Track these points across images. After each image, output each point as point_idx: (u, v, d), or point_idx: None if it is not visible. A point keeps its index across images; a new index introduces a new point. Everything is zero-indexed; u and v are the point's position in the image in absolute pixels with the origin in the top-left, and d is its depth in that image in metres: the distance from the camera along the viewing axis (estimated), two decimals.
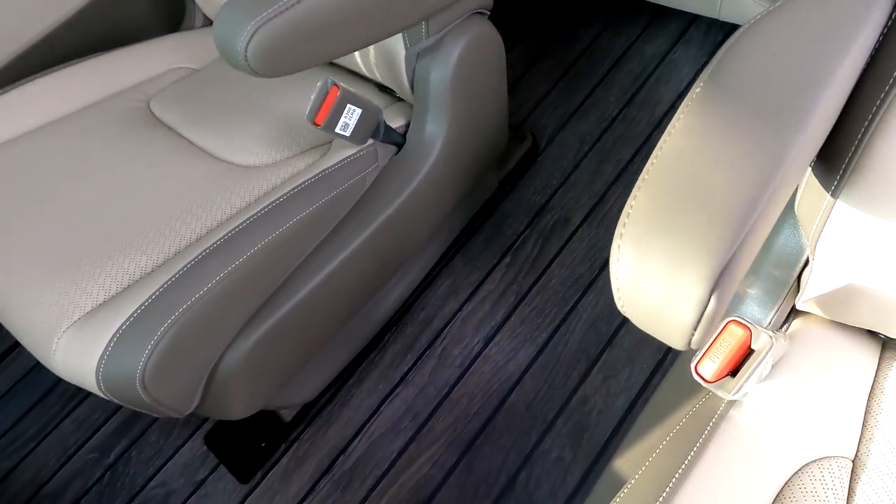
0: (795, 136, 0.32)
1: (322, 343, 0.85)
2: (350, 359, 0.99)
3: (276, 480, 0.93)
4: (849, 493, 0.52)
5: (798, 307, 0.60)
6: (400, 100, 0.89)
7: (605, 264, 1.01)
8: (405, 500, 0.88)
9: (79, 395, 1.08)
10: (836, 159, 0.47)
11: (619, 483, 0.51)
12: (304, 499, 0.91)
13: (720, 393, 0.48)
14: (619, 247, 0.31)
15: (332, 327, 0.84)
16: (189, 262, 0.69)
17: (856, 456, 0.54)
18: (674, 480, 0.48)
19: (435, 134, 0.83)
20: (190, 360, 0.68)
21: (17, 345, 1.15)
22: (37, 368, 1.12)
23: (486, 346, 0.98)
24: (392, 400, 0.96)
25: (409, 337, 1.01)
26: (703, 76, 0.37)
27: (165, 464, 0.98)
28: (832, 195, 0.48)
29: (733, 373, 0.48)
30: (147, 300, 0.66)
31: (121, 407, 1.05)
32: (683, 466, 0.49)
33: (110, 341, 0.65)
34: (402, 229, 0.85)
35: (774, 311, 0.59)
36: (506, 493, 0.86)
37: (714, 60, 0.37)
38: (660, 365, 0.92)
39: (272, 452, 0.95)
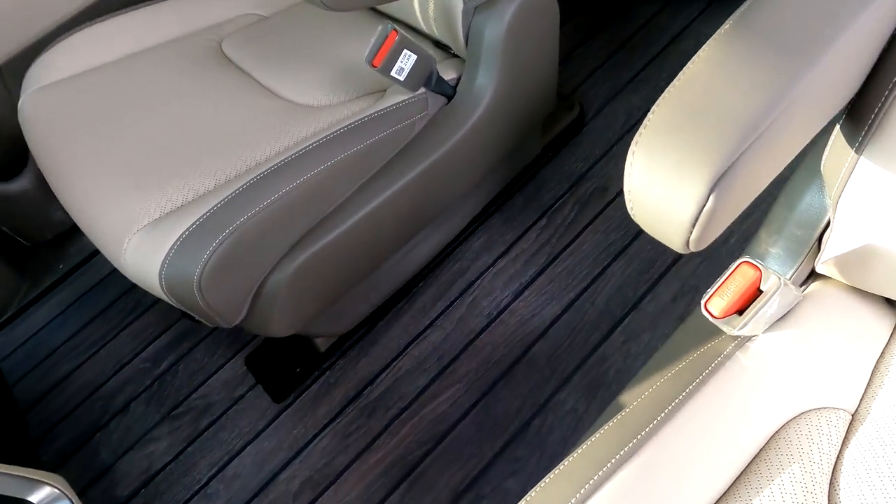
0: (808, 68, 0.35)
1: (360, 276, 0.91)
2: (385, 299, 1.04)
3: (307, 403, 1.00)
4: (843, 441, 0.54)
5: (818, 269, 0.61)
6: (455, 56, 0.94)
7: (639, 233, 1.04)
8: (424, 431, 0.93)
9: (136, 310, 1.17)
10: (862, 116, 0.49)
11: (621, 410, 0.55)
12: (330, 422, 0.98)
13: (725, 329, 0.51)
14: (633, 153, 0.35)
15: (370, 262, 0.90)
16: (246, 183, 0.75)
17: (856, 410, 0.56)
18: (671, 406, 0.52)
19: (484, 88, 0.87)
20: (241, 271, 0.75)
21: (87, 259, 1.26)
22: (102, 283, 1.23)
23: (514, 300, 1.02)
24: (420, 342, 1.02)
25: (442, 285, 1.06)
26: (732, 17, 0.40)
27: (208, 379, 1.06)
28: (856, 152, 0.50)
29: (741, 312, 0.51)
30: (207, 212, 0.73)
31: (173, 324, 1.14)
32: (683, 395, 0.52)
33: (173, 246, 0.72)
34: (443, 177, 0.90)
35: (794, 270, 0.61)
36: (519, 435, 0.90)
37: (743, 6, 0.40)
38: None
39: (305, 378, 1.02)
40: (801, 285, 0.63)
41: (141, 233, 0.75)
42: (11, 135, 1.12)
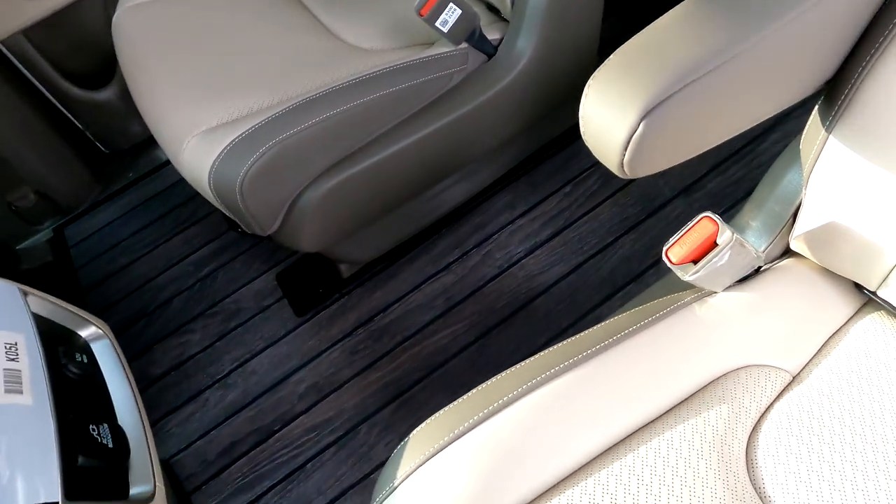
0: (756, 32, 0.41)
1: (385, 209, 0.99)
2: (407, 238, 1.13)
3: (324, 320, 1.10)
4: (778, 397, 0.59)
5: (791, 246, 0.66)
6: (503, 20, 1.00)
7: (656, 210, 1.08)
8: (422, 360, 1.02)
9: (190, 220, 1.30)
10: (835, 97, 0.53)
11: None
12: (341, 339, 1.08)
13: (680, 274, 0.57)
14: (589, 85, 0.41)
15: (396, 198, 0.99)
16: (291, 105, 0.84)
17: (798, 373, 0.61)
18: (621, 335, 0.58)
19: (523, 50, 0.93)
20: (278, 182, 0.85)
21: (154, 170, 1.40)
22: (163, 194, 1.36)
23: (525, 256, 1.09)
24: (433, 282, 1.10)
25: (462, 235, 1.14)
26: None
27: (242, 287, 1.18)
28: (826, 131, 0.55)
29: (696, 262, 0.56)
30: (254, 126, 0.83)
31: (219, 236, 1.26)
32: (634, 328, 0.59)
33: (223, 151, 0.82)
34: (471, 131, 0.97)
35: (769, 244, 0.65)
36: None
37: None
38: None
39: (326, 298, 1.13)
40: (774, 260, 0.67)
41: (198, 136, 0.85)
42: (104, 48, 1.26)
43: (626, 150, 0.39)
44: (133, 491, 0.57)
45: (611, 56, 0.41)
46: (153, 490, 0.58)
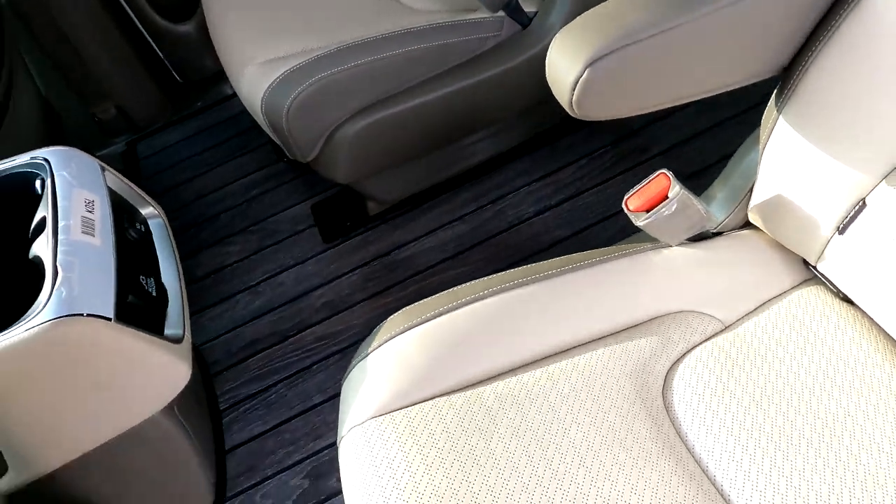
0: (697, 9, 0.50)
1: (413, 154, 1.11)
2: (430, 186, 1.25)
3: (347, 249, 1.24)
4: (706, 339, 0.68)
5: (749, 217, 0.74)
6: None
7: None
8: (428, 292, 1.13)
9: (244, 148, 1.46)
10: (786, 81, 0.61)
11: None
12: (359, 267, 1.21)
13: (633, 219, 0.67)
14: (554, 38, 0.51)
15: (424, 144, 1.10)
16: (340, 47, 0.97)
17: (729, 325, 0.69)
18: (574, 265, 0.68)
19: (553, 26, 1.02)
20: (319, 114, 0.97)
21: (219, 102, 1.56)
22: (224, 123, 1.52)
23: (534, 216, 1.19)
24: (448, 228, 1.22)
25: (480, 191, 1.24)
26: None
27: (281, 212, 1.33)
28: (777, 112, 0.63)
29: (650, 210, 0.66)
30: (304, 61, 0.96)
31: (268, 166, 1.41)
32: (588, 262, 0.68)
33: (275, 80, 0.96)
34: (499, 93, 1.06)
35: (728, 214, 0.74)
36: None
37: None
38: None
39: (351, 230, 1.26)
40: (734, 230, 0.75)
41: (257, 65, 0.99)
42: None
43: (573, 91, 0.49)
44: (167, 332, 0.71)
45: (577, 18, 0.51)
46: (182, 335, 0.73)
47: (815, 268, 0.69)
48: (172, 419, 0.78)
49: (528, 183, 1.23)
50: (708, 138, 1.21)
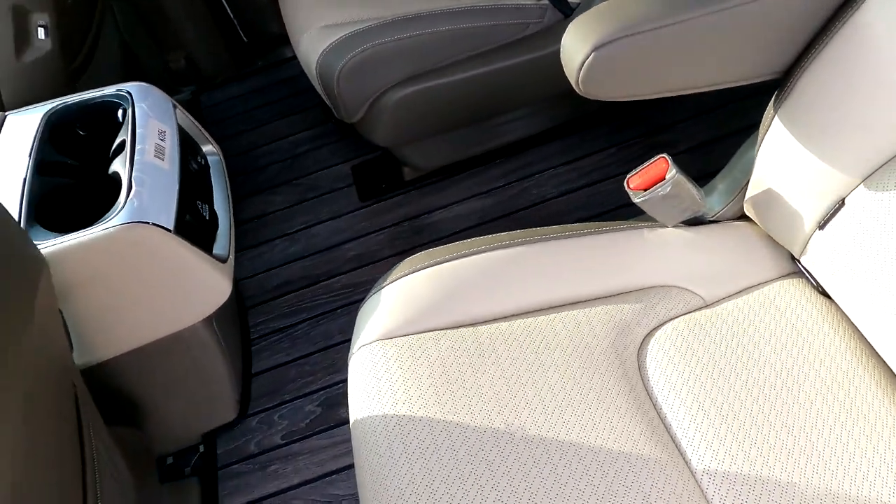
0: (698, 9, 0.56)
1: (450, 125, 1.19)
2: (463, 159, 1.33)
3: (380, 209, 1.34)
4: (685, 312, 0.75)
5: (744, 209, 0.80)
6: None
7: None
8: None
9: (296, 109, 1.57)
10: (783, 84, 0.67)
11: None
12: (389, 227, 1.31)
13: (632, 196, 0.74)
14: (570, 24, 0.59)
15: (461, 117, 1.18)
16: (393, 18, 1.05)
17: (711, 304, 0.76)
18: (575, 232, 0.76)
19: None
20: (367, 79, 1.07)
21: (277, 64, 1.67)
22: (280, 83, 1.63)
23: (556, 197, 1.26)
24: (475, 200, 1.30)
25: (509, 169, 1.32)
26: None
27: (323, 169, 1.43)
28: (773, 111, 0.69)
29: (647, 190, 0.73)
30: (359, 28, 1.05)
31: (316, 125, 1.51)
32: (585, 231, 0.76)
33: (331, 44, 1.05)
34: (536, 77, 1.13)
35: (725, 205, 0.80)
36: None
37: None
38: None
39: (386, 193, 1.35)
40: (730, 220, 0.81)
41: (317, 29, 1.09)
42: None
43: (580, 72, 0.57)
44: (214, 251, 0.82)
45: (592, 8, 0.59)
46: (227, 257, 0.84)
47: (799, 261, 0.75)
48: (210, 331, 0.90)
49: (555, 166, 1.30)
50: (736, 140, 1.24)
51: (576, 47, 0.56)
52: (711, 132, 1.27)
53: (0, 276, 0.49)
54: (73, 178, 0.79)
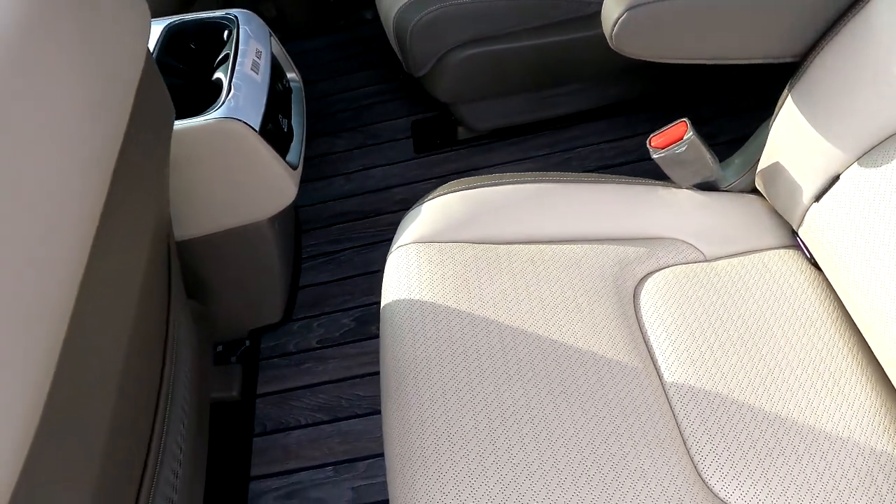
0: None
1: (507, 90, 1.31)
2: (515, 125, 1.44)
3: (431, 161, 1.46)
4: (685, 262, 0.84)
5: (755, 183, 0.88)
6: None
7: None
8: None
9: (370, 65, 1.70)
10: (798, 67, 0.76)
11: None
12: (438, 178, 1.43)
13: (651, 153, 0.83)
14: None
15: (517, 84, 1.29)
16: None
17: (710, 260, 0.85)
18: (596, 179, 0.86)
19: None
20: (436, 36, 1.19)
21: (356, 24, 1.81)
22: (357, 40, 1.77)
23: (595, 171, 1.36)
24: (519, 164, 1.41)
25: (555, 140, 1.42)
26: None
27: (386, 121, 1.57)
28: (787, 90, 0.77)
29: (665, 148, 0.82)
30: None
31: (384, 81, 1.65)
32: (608, 181, 0.86)
33: (409, 0, 1.18)
34: (592, 53, 1.23)
35: (739, 177, 0.89)
36: None
37: None
38: None
39: (439, 148, 1.48)
40: (743, 191, 0.90)
41: None
42: None
43: (614, 27, 0.67)
44: (288, 158, 0.96)
45: None
46: (297, 164, 0.98)
47: (797, 234, 0.83)
48: (273, 231, 1.04)
49: (599, 142, 1.40)
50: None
51: (613, 4, 0.67)
52: (749, 129, 1.34)
53: (145, 110, 0.61)
54: (182, 80, 0.94)
